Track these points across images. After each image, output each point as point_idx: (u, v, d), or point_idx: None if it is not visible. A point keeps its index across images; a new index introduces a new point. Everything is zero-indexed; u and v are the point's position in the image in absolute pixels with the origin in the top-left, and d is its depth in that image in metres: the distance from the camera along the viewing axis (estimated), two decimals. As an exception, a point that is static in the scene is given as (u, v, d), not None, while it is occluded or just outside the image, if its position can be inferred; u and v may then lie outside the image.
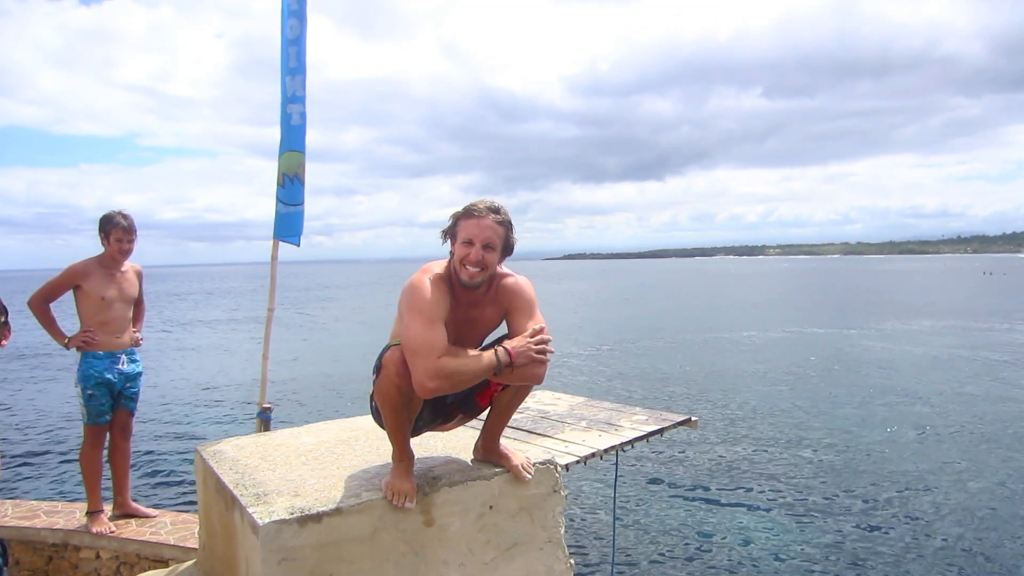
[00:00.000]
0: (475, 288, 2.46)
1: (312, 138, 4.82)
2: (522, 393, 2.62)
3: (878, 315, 36.10)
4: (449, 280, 2.47)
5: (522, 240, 2.63)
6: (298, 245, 4.77)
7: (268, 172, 4.62)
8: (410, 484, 2.43)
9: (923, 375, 19.17)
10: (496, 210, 2.45)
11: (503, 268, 2.57)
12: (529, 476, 2.66)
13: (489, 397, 2.61)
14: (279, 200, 4.66)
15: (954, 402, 15.67)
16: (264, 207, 4.80)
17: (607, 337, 28.97)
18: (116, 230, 4.57)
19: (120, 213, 4.63)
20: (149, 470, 11.18)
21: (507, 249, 2.51)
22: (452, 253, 2.48)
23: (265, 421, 4.57)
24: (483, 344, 2.59)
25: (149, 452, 12.15)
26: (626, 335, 29.61)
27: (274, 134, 4.72)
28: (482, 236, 2.40)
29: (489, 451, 2.73)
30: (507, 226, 2.47)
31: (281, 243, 4.76)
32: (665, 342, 27.14)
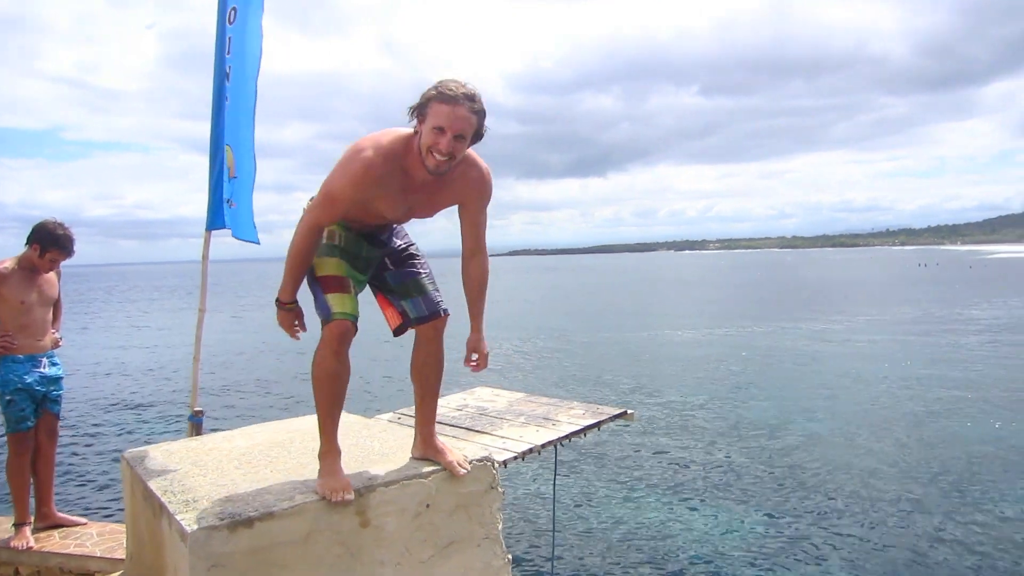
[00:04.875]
0: (439, 176, 2.41)
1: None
2: (432, 361, 2.75)
3: (829, 308, 37.16)
4: (404, 158, 2.41)
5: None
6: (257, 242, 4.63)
7: (205, 167, 4.43)
8: (344, 478, 2.44)
9: (869, 366, 19.78)
10: (472, 97, 2.30)
11: (469, 152, 2.50)
12: (464, 471, 2.68)
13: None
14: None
15: (895, 392, 16.22)
16: (200, 203, 4.59)
17: (549, 332, 29.19)
18: (55, 251, 4.36)
19: (65, 233, 4.37)
20: (74, 479, 10.73)
21: (477, 137, 2.41)
22: (417, 132, 2.36)
23: (196, 425, 4.45)
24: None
25: (74, 460, 11.66)
26: (568, 330, 29.89)
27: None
28: (455, 126, 2.27)
29: (426, 446, 2.75)
30: (481, 115, 2.36)
31: (212, 239, 4.60)
32: (605, 336, 27.50)
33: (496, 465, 2.85)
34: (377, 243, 2.66)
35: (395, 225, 2.73)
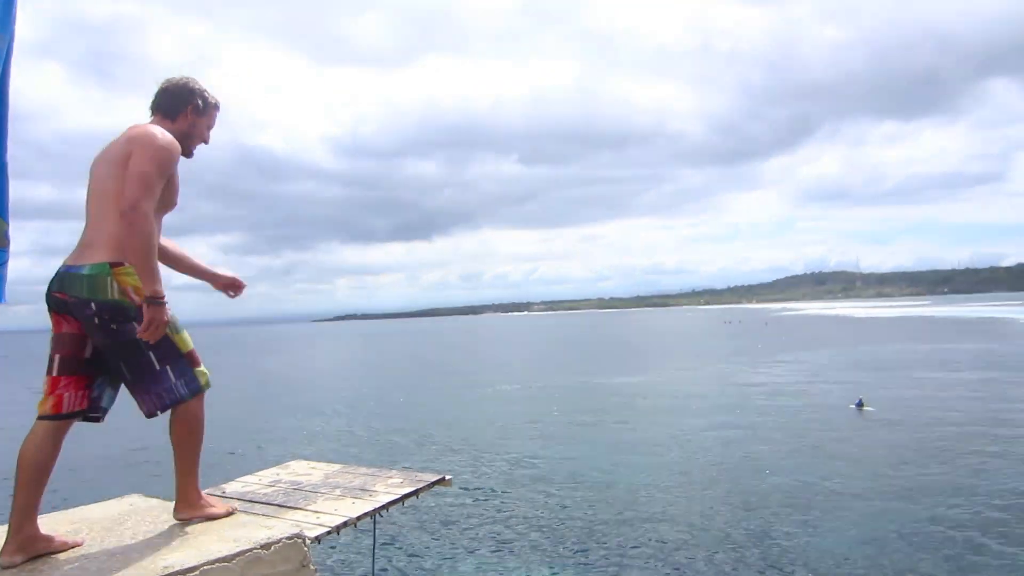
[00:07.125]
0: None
1: (45, 193, 4.33)
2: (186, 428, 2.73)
3: (650, 364, 39.60)
4: None
5: (291, 302, 2.80)
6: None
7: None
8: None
9: (680, 418, 21.06)
10: None
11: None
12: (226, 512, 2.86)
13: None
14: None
15: (704, 443, 17.35)
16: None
17: (372, 399, 28.62)
18: None
19: None
20: None
21: None
22: (179, 119, 2.69)
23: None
24: None
25: None
26: (390, 396, 29.48)
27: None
28: None
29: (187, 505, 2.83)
30: None
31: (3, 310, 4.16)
32: (428, 400, 27.45)
33: (307, 542, 2.82)
34: None
35: None
